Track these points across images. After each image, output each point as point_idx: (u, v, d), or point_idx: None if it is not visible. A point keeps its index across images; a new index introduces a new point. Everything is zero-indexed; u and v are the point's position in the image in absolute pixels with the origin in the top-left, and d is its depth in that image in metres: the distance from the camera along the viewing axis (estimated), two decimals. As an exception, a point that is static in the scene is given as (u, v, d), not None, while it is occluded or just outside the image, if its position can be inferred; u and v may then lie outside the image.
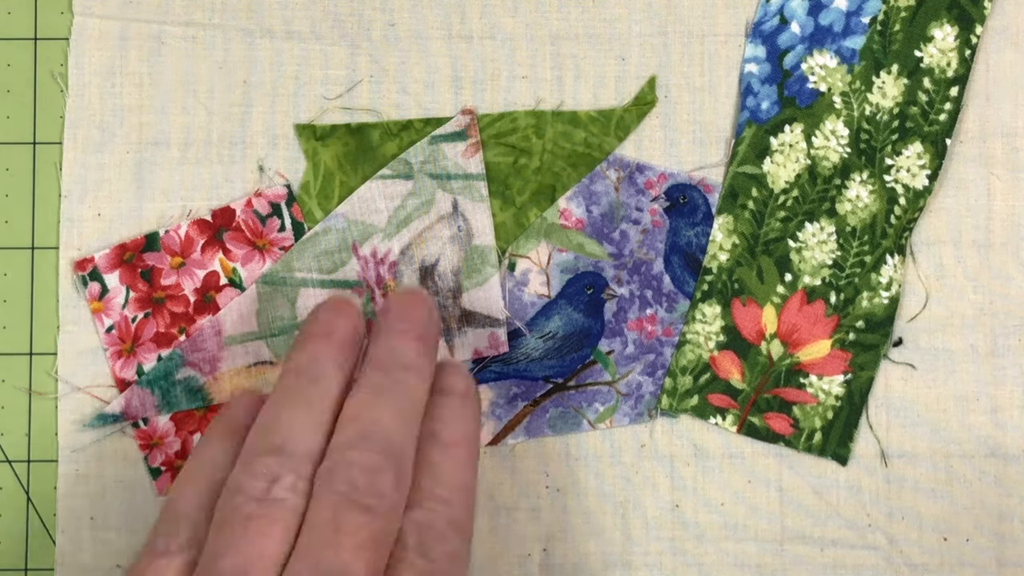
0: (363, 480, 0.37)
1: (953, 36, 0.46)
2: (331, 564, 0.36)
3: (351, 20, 0.46)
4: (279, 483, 0.37)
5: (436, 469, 0.39)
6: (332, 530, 0.36)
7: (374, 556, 0.36)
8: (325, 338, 0.40)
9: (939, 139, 0.46)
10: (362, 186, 0.45)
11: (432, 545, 0.38)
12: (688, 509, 0.45)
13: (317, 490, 0.37)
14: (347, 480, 0.37)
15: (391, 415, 0.38)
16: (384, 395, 0.39)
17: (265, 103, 0.46)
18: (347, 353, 0.40)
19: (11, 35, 0.46)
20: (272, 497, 0.37)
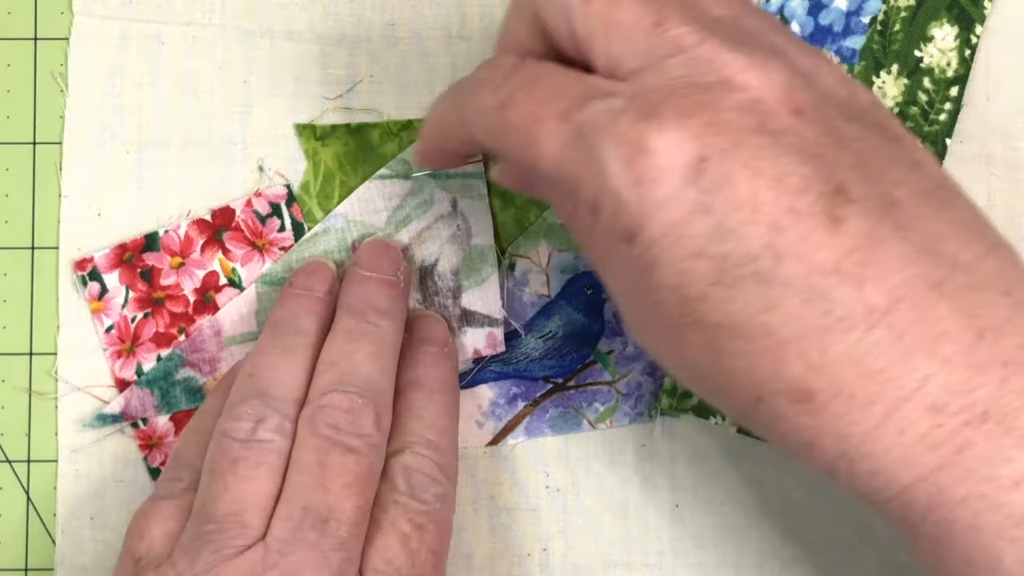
0: (345, 422, 0.39)
1: (953, 36, 0.46)
2: (320, 505, 0.37)
3: (351, 20, 0.46)
4: (263, 424, 0.39)
5: (423, 415, 0.41)
6: (318, 472, 0.38)
7: (360, 494, 0.38)
8: (301, 296, 0.42)
9: (939, 139, 0.46)
10: (361, 186, 0.45)
11: (424, 487, 0.40)
12: (688, 509, 0.45)
13: (300, 435, 0.39)
14: (329, 423, 0.39)
15: (367, 358, 0.40)
16: (359, 339, 0.41)
17: (265, 103, 0.46)
18: (323, 306, 0.42)
19: (11, 35, 0.46)
20: (257, 439, 0.39)
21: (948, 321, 0.32)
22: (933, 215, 0.34)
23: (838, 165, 0.33)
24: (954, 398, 0.32)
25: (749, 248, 0.32)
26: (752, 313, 0.33)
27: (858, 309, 0.32)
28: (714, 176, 0.32)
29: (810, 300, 0.32)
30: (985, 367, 0.32)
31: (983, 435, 0.32)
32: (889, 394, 0.32)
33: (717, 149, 0.33)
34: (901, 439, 0.32)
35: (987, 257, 0.34)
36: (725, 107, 0.33)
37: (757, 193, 0.32)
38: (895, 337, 0.32)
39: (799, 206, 0.32)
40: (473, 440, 0.45)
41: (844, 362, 0.32)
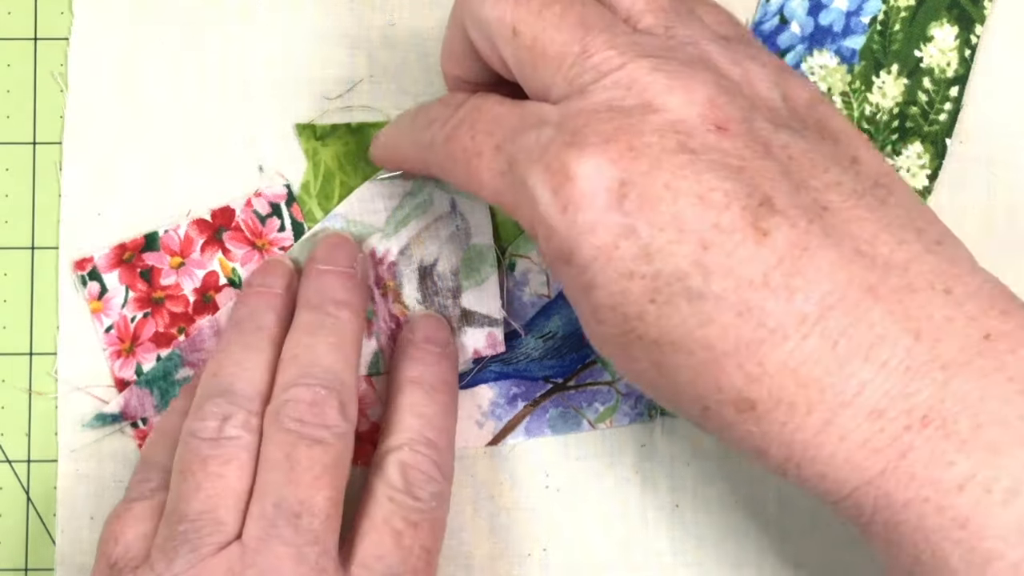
0: (309, 414, 0.39)
1: (953, 36, 0.46)
2: (291, 500, 0.38)
3: (351, 20, 0.46)
4: (229, 421, 0.39)
5: (423, 412, 0.42)
6: (287, 467, 0.38)
7: (331, 485, 0.38)
8: (260, 293, 0.43)
9: (939, 139, 0.46)
10: (360, 186, 0.45)
11: (421, 485, 0.40)
12: (688, 509, 0.45)
13: (267, 431, 0.39)
14: (294, 416, 0.39)
15: (327, 349, 0.40)
16: (318, 332, 0.41)
17: (265, 103, 0.46)
18: (282, 302, 0.43)
19: (11, 35, 0.46)
20: (224, 436, 0.39)
21: (883, 325, 0.32)
22: (866, 216, 0.34)
23: (763, 176, 0.33)
24: (893, 403, 0.32)
25: (678, 266, 0.33)
26: (689, 329, 0.33)
27: (790, 320, 0.32)
28: (636, 199, 0.33)
29: (742, 314, 0.33)
30: (923, 370, 0.32)
31: (924, 439, 0.32)
32: (828, 401, 0.32)
33: (637, 172, 0.33)
34: (844, 444, 0.32)
35: (925, 255, 0.34)
36: (645, 130, 0.34)
37: (680, 212, 0.33)
38: (829, 345, 0.32)
39: (723, 222, 0.33)
40: (473, 440, 0.45)
41: (781, 372, 0.33)
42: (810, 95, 0.37)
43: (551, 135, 0.35)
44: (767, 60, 0.37)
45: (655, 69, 0.34)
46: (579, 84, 0.35)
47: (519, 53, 0.36)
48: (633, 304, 0.34)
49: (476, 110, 0.37)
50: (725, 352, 0.33)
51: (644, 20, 0.37)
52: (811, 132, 0.36)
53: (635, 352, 0.34)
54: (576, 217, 0.34)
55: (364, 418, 0.45)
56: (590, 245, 0.34)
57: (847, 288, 0.33)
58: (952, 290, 0.33)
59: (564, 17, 0.36)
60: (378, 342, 0.45)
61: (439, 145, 0.38)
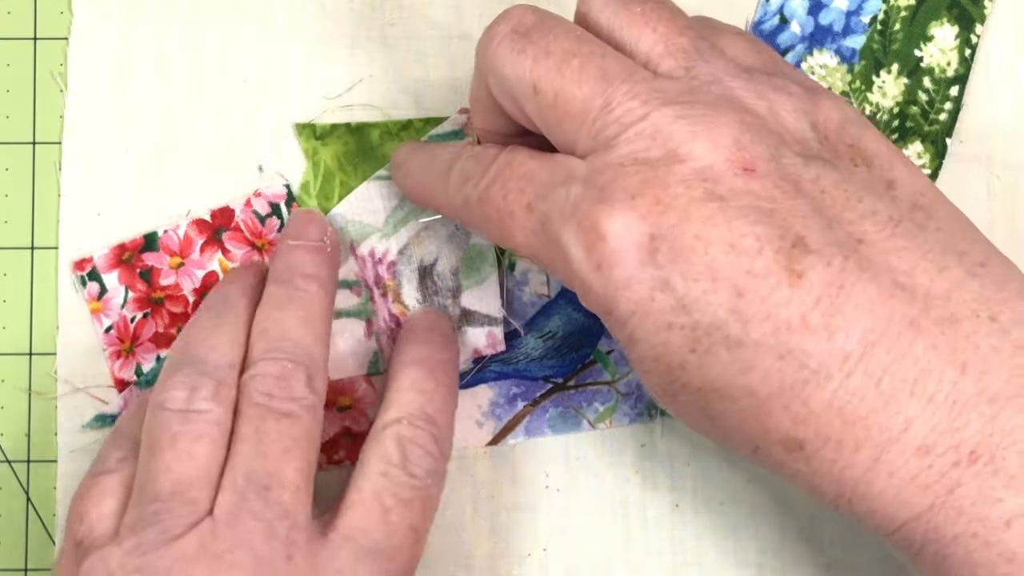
0: (276, 388, 0.38)
1: (953, 36, 0.46)
2: (260, 473, 0.37)
3: (351, 20, 0.46)
4: (197, 392, 0.38)
5: (424, 389, 0.41)
6: (255, 440, 0.38)
7: (301, 458, 0.38)
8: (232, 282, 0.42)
9: (939, 139, 0.46)
10: (360, 186, 0.45)
11: (418, 460, 0.40)
12: (688, 509, 0.45)
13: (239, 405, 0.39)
14: (262, 391, 0.38)
15: (296, 323, 0.40)
16: (287, 306, 0.41)
17: (265, 103, 0.46)
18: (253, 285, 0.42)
19: (11, 35, 0.46)
20: (194, 409, 0.38)
21: (927, 359, 0.32)
22: (904, 245, 0.34)
23: (794, 215, 0.33)
24: (941, 438, 0.32)
25: (715, 316, 0.33)
26: (731, 376, 0.33)
27: (832, 359, 0.32)
28: (668, 252, 0.33)
29: (783, 357, 0.33)
30: (971, 404, 0.32)
31: (972, 475, 0.32)
32: (875, 438, 0.32)
33: (667, 225, 0.33)
34: (893, 481, 0.33)
35: (968, 280, 0.34)
36: (672, 181, 0.34)
37: (713, 261, 0.33)
38: (873, 383, 0.32)
39: (756, 267, 0.33)
40: (473, 440, 0.45)
41: (827, 411, 0.33)
42: (841, 116, 0.37)
43: (580, 192, 0.35)
44: (793, 88, 0.37)
45: (678, 117, 0.34)
46: (604, 138, 0.35)
47: (542, 110, 0.36)
48: (674, 355, 0.34)
49: (507, 167, 0.37)
50: (769, 395, 0.33)
51: (664, 63, 0.36)
52: (843, 160, 0.36)
53: (682, 399, 0.35)
54: (610, 274, 0.34)
55: (364, 418, 0.45)
56: (627, 300, 0.34)
57: (888, 324, 0.32)
58: (997, 317, 0.33)
59: (584, 71, 0.36)
60: (378, 342, 0.45)
61: (473, 205, 0.38)
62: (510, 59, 0.37)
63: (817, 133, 0.36)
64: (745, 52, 0.38)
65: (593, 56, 0.36)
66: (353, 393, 0.45)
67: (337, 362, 0.45)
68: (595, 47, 0.37)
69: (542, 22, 0.37)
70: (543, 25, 0.37)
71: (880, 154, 0.36)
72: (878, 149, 0.36)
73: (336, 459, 0.45)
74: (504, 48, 0.37)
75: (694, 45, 0.37)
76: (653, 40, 0.37)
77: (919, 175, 0.36)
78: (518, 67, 0.37)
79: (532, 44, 0.37)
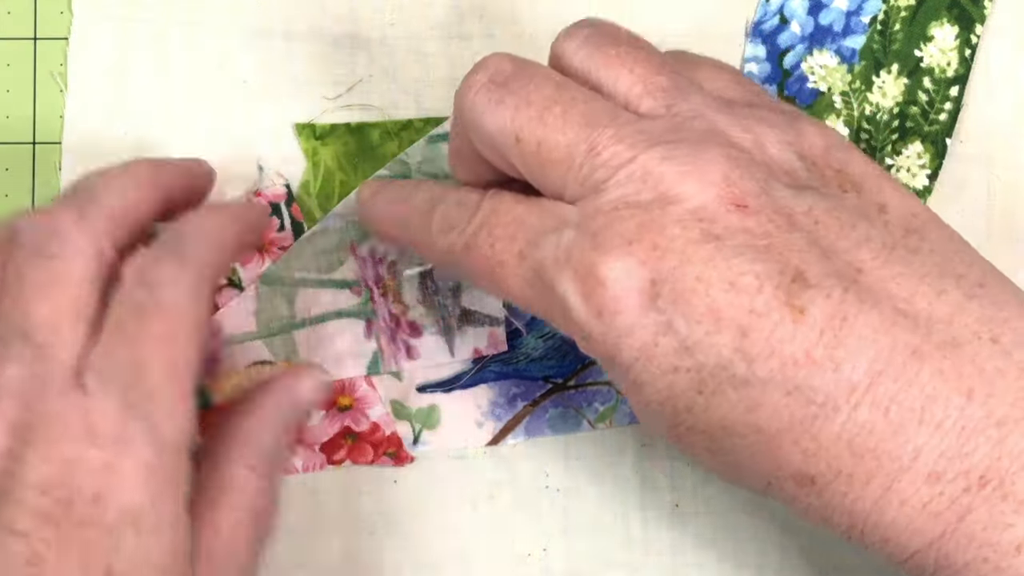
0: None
1: (953, 36, 0.46)
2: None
3: (351, 20, 0.46)
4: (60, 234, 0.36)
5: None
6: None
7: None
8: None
9: (939, 139, 0.46)
10: (360, 185, 0.45)
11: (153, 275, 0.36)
12: (688, 509, 0.45)
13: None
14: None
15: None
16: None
17: (265, 103, 0.46)
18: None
19: (11, 35, 0.46)
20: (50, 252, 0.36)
21: (933, 385, 0.32)
22: (901, 271, 0.34)
23: (791, 250, 0.33)
24: (950, 464, 0.32)
25: (720, 356, 0.33)
26: (739, 415, 0.33)
27: (839, 392, 0.32)
28: (669, 295, 0.33)
29: (790, 393, 0.33)
30: (978, 428, 0.32)
31: (982, 500, 0.32)
32: (886, 468, 0.32)
33: (667, 269, 0.33)
34: (904, 510, 0.33)
35: (967, 303, 0.34)
36: (667, 223, 0.33)
37: (715, 302, 0.33)
38: (881, 413, 0.32)
39: (758, 305, 0.33)
40: (473, 440, 0.45)
41: (836, 444, 0.33)
42: (825, 142, 0.37)
43: (573, 238, 0.34)
44: (775, 119, 0.37)
45: (665, 158, 0.34)
46: (592, 183, 0.35)
47: (526, 159, 0.36)
48: (681, 397, 0.34)
49: (493, 213, 0.37)
50: (779, 432, 0.33)
51: (644, 103, 0.36)
52: (832, 187, 0.36)
53: (691, 440, 0.35)
54: (612, 321, 0.34)
55: (364, 418, 0.45)
56: (630, 347, 0.34)
57: (892, 352, 0.32)
58: (999, 338, 0.33)
59: (566, 118, 0.36)
60: (378, 342, 0.45)
61: (459, 255, 0.37)
62: (490, 110, 0.37)
63: (804, 162, 0.36)
64: (725, 85, 0.39)
65: (575, 102, 0.36)
66: (353, 393, 0.45)
67: (337, 362, 0.45)
68: (576, 92, 0.36)
69: (520, 70, 0.37)
70: (521, 73, 0.37)
71: (868, 177, 0.36)
72: (865, 172, 0.36)
73: (336, 459, 0.45)
74: (483, 99, 0.37)
75: (673, 82, 0.37)
76: (631, 81, 0.37)
77: (909, 196, 0.36)
78: (498, 118, 0.36)
79: (511, 94, 0.36)
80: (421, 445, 0.45)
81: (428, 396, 0.45)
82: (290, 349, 0.45)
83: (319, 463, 0.45)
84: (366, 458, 0.45)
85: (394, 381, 0.45)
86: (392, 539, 0.45)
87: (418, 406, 0.45)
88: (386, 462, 0.45)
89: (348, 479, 0.45)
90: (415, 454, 0.45)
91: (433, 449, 0.45)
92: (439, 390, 0.45)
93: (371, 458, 0.45)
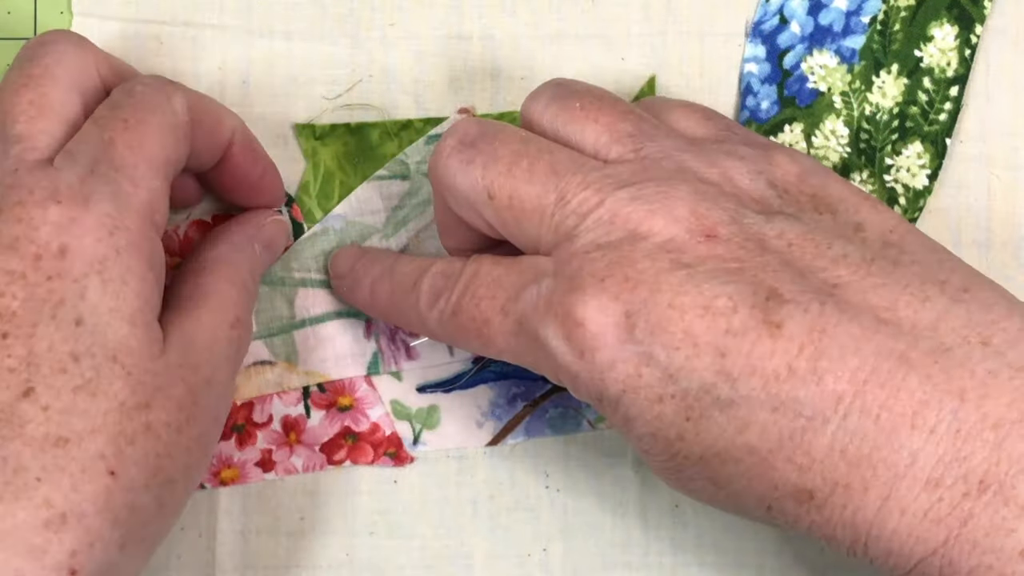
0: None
1: (953, 36, 0.46)
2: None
3: (351, 20, 0.46)
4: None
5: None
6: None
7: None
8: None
9: (939, 139, 0.46)
10: (359, 186, 0.45)
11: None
12: (688, 509, 0.45)
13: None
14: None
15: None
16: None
17: (265, 103, 0.46)
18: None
19: (11, 35, 0.46)
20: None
21: (923, 390, 0.32)
22: (881, 281, 0.34)
23: (764, 270, 0.34)
24: (948, 469, 0.32)
25: (703, 379, 0.33)
26: (730, 437, 0.33)
27: (826, 403, 0.32)
28: (645, 326, 0.33)
29: (777, 408, 0.33)
30: (974, 432, 0.32)
31: (983, 505, 0.32)
32: (882, 476, 0.32)
33: (639, 300, 0.34)
34: (905, 518, 0.32)
35: (953, 307, 0.33)
36: (637, 257, 0.34)
37: (690, 327, 0.33)
38: (871, 420, 0.32)
39: (734, 326, 0.33)
40: (473, 440, 0.45)
41: (830, 456, 0.33)
42: (799, 168, 0.37)
43: (551, 285, 0.35)
44: (744, 152, 0.37)
45: (633, 198, 0.35)
46: (564, 229, 0.36)
47: (500, 214, 0.37)
48: (670, 427, 0.34)
49: (475, 276, 0.37)
50: (771, 450, 0.33)
51: (613, 151, 0.37)
52: (807, 211, 0.36)
53: (688, 473, 0.35)
54: (594, 359, 0.34)
55: (364, 418, 0.45)
56: (614, 381, 0.34)
57: (877, 360, 0.32)
58: (990, 340, 0.33)
59: (533, 170, 0.36)
60: (378, 342, 0.45)
61: (447, 320, 0.38)
62: (461, 170, 0.38)
63: (776, 189, 0.36)
64: (696, 123, 0.39)
65: (541, 153, 0.37)
66: (353, 393, 0.45)
67: (337, 362, 0.45)
68: (541, 145, 0.37)
69: (486, 130, 0.38)
70: (488, 132, 0.38)
71: (844, 199, 0.36)
72: (841, 194, 0.37)
73: (336, 459, 0.45)
74: (454, 161, 0.38)
75: (638, 128, 0.37)
76: (597, 131, 0.38)
77: (887, 213, 0.36)
78: (469, 177, 0.37)
79: (480, 153, 0.37)
80: (421, 445, 0.45)
81: (428, 396, 0.45)
82: (290, 349, 0.45)
83: (319, 463, 0.45)
84: (366, 458, 0.45)
85: (394, 381, 0.45)
86: (392, 539, 0.45)
87: (418, 406, 0.45)
88: (386, 462, 0.45)
89: (348, 479, 0.45)
90: (415, 454, 0.45)
91: (433, 449, 0.45)
92: (439, 390, 0.45)
93: (371, 458, 0.45)
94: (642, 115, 0.38)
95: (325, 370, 0.45)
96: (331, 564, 0.44)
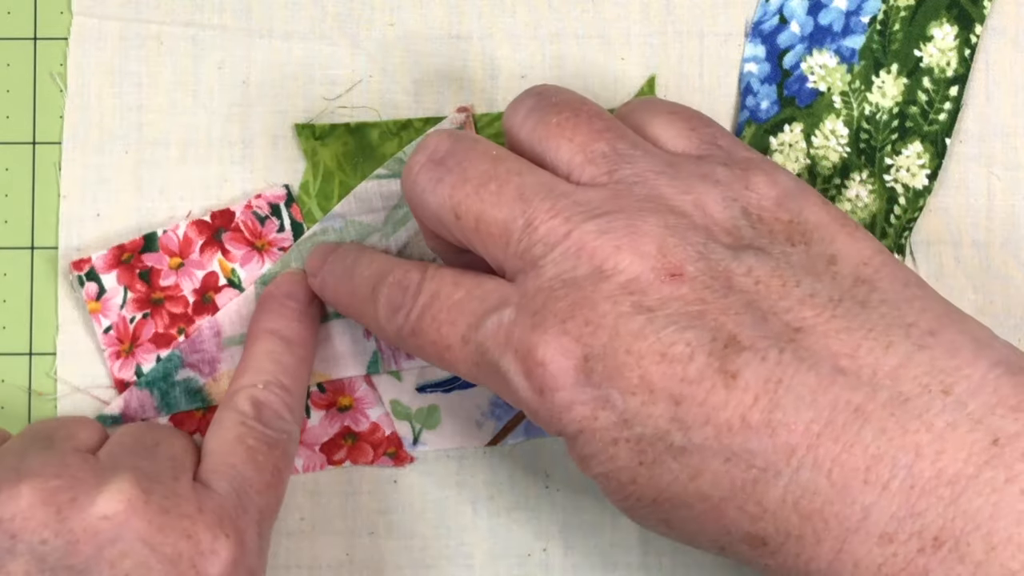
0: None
1: (953, 36, 0.46)
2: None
3: (351, 20, 0.46)
4: None
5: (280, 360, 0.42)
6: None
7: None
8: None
9: (939, 139, 0.46)
10: (359, 186, 0.45)
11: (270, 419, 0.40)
12: (688, 509, 0.45)
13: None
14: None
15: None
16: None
17: (265, 103, 0.46)
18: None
19: (10, 35, 0.46)
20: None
21: (877, 444, 0.32)
22: (844, 326, 0.33)
23: (726, 314, 0.33)
24: (902, 525, 0.31)
25: (657, 426, 0.33)
26: (682, 484, 0.33)
27: (778, 456, 0.32)
28: (603, 371, 0.33)
29: (729, 459, 0.33)
30: (928, 488, 0.31)
31: (938, 562, 0.31)
32: (834, 529, 0.32)
33: (598, 345, 0.33)
34: (859, 572, 0.32)
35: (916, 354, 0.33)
36: (599, 299, 0.34)
37: (647, 374, 0.33)
38: (823, 474, 0.32)
39: (690, 374, 0.33)
40: (473, 440, 0.45)
41: (782, 507, 0.32)
42: (778, 191, 0.36)
43: (513, 318, 0.35)
44: (722, 174, 0.36)
45: (601, 232, 0.34)
46: (530, 257, 0.35)
47: (467, 235, 0.37)
48: (624, 470, 0.34)
49: (434, 298, 0.37)
50: (723, 498, 0.33)
51: (586, 172, 0.36)
52: (779, 242, 0.35)
53: (642, 512, 0.35)
54: (552, 398, 0.34)
55: (364, 418, 0.45)
56: (571, 422, 0.34)
57: (832, 412, 0.32)
58: (951, 389, 0.32)
59: (501, 193, 0.36)
60: (378, 342, 0.45)
61: (407, 337, 0.38)
62: (429, 188, 0.37)
63: (749, 219, 0.36)
64: (678, 134, 0.38)
65: (510, 176, 0.36)
66: (353, 393, 0.45)
67: (337, 362, 0.45)
68: (512, 165, 0.37)
69: (457, 147, 0.37)
70: (458, 150, 0.37)
71: (821, 225, 0.36)
72: (819, 219, 0.36)
73: (336, 459, 0.45)
74: (423, 178, 0.37)
75: (613, 148, 0.37)
76: (571, 150, 0.37)
77: (864, 241, 0.36)
78: (438, 196, 0.37)
79: (449, 172, 0.37)
80: (421, 445, 0.45)
81: (428, 396, 0.45)
82: (290, 349, 0.45)
83: (319, 463, 0.45)
84: (366, 458, 0.45)
85: (394, 381, 0.45)
86: (392, 539, 0.45)
87: (418, 406, 0.45)
88: (386, 462, 0.45)
89: (348, 479, 0.45)
90: (415, 454, 0.45)
91: (433, 449, 0.45)
92: (439, 390, 0.45)
93: (371, 458, 0.45)
94: (620, 132, 0.37)
95: (325, 370, 0.45)
96: (331, 564, 0.44)
